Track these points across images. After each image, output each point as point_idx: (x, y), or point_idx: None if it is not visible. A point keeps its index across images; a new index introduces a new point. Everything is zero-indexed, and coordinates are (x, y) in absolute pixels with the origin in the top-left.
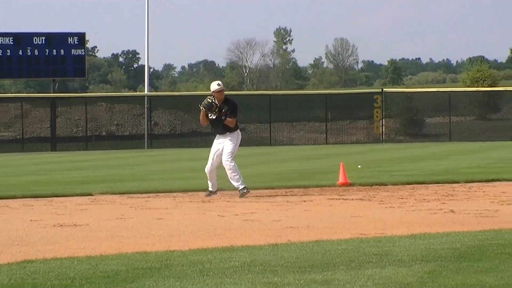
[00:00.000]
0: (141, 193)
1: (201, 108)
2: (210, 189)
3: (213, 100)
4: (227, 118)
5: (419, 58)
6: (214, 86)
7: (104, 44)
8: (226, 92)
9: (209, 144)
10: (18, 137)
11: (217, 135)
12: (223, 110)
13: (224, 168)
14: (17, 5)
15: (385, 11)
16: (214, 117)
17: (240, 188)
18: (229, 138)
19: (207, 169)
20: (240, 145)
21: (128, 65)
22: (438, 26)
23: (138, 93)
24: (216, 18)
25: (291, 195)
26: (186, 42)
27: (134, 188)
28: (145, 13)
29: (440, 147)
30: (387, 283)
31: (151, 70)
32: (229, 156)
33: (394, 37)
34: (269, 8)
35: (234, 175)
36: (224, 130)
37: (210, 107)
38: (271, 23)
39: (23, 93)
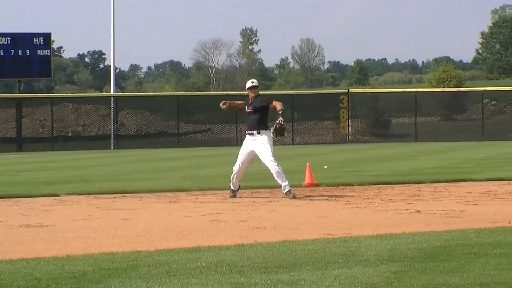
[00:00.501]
0: (108, 193)
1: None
2: (232, 188)
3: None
4: (273, 101)
5: (385, 59)
6: (249, 83)
7: (70, 44)
8: (192, 93)
9: (174, 145)
10: None
11: (248, 133)
12: (259, 106)
13: (270, 169)
14: None
15: (350, 12)
16: (251, 110)
17: (286, 190)
18: (261, 138)
19: (235, 170)
20: (206, 146)
21: (94, 65)
22: (404, 26)
23: (104, 93)
24: (182, 18)
25: (258, 195)
26: (152, 43)
27: (100, 189)
28: (111, 13)
29: (406, 147)
30: (354, 283)
31: (117, 70)
32: (271, 157)
33: (360, 37)
34: (235, 8)
35: (279, 175)
36: (256, 126)
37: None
38: (237, 24)
39: None
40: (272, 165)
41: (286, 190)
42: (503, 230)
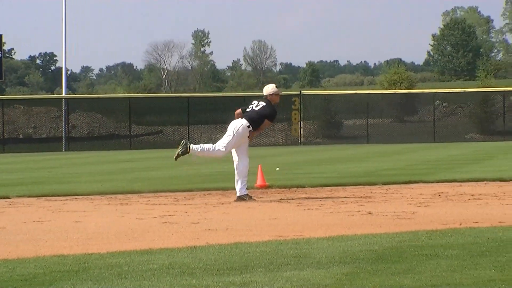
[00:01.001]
0: (59, 196)
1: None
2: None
3: None
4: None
5: (337, 61)
6: (275, 88)
7: (21, 46)
8: (144, 95)
9: (126, 147)
10: None
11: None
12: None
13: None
14: None
15: (302, 14)
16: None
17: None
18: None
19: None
20: (158, 148)
21: (45, 67)
22: (355, 28)
23: (55, 95)
24: (134, 20)
25: (210, 197)
26: (104, 44)
27: (51, 191)
28: (63, 15)
29: (358, 149)
30: (305, 285)
31: (69, 72)
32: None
33: (312, 39)
34: (187, 10)
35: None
36: (248, 118)
37: None
38: (189, 25)
39: None
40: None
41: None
42: (454, 231)
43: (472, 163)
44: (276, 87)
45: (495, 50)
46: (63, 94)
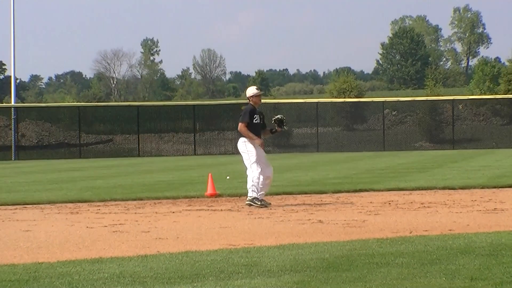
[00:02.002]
0: (8, 205)
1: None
2: (257, 196)
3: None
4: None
5: (287, 69)
6: (255, 90)
7: None
8: (93, 103)
9: (76, 155)
10: None
11: (258, 139)
12: (262, 116)
13: (267, 176)
14: None
15: (251, 22)
16: (259, 122)
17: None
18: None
19: (256, 176)
20: (108, 157)
21: None
22: (305, 37)
23: (4, 104)
24: (82, 28)
25: (160, 206)
26: (52, 53)
27: (1, 200)
28: (11, 23)
29: (307, 157)
30: None
31: (18, 81)
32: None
33: (261, 48)
34: (136, 18)
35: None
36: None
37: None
38: (138, 34)
39: None
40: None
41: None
42: (404, 239)
43: (421, 172)
44: (257, 88)
45: (444, 59)
46: (12, 103)
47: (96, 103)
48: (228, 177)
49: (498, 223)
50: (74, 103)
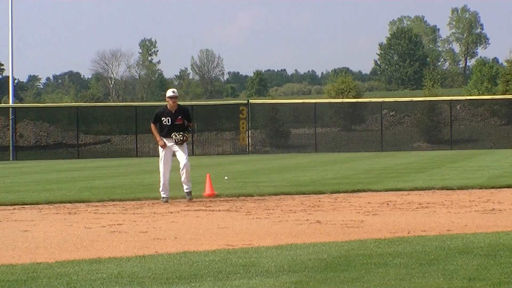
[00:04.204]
0: (7, 205)
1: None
2: (165, 195)
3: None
4: (189, 124)
5: (285, 70)
6: (169, 92)
7: None
8: (91, 104)
9: (74, 156)
10: None
11: (165, 139)
12: (180, 117)
13: (183, 170)
14: None
15: (250, 23)
16: (169, 123)
17: (189, 191)
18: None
19: (161, 175)
20: (106, 157)
21: None
22: (303, 37)
23: (2, 104)
24: (81, 29)
25: (158, 206)
26: (51, 53)
27: None
28: (9, 23)
29: (306, 158)
30: None
31: (16, 81)
32: (188, 158)
33: (259, 48)
34: (134, 19)
35: (190, 177)
36: (182, 131)
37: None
38: (136, 35)
39: None
40: (188, 164)
41: (190, 191)
42: (402, 240)
43: (419, 172)
44: (173, 91)
45: (442, 59)
46: (10, 103)
47: (94, 104)
48: (226, 177)
49: (496, 224)
50: (72, 104)
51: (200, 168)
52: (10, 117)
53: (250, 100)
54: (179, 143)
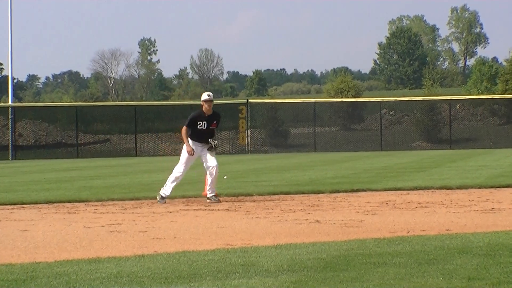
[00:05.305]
0: (6, 204)
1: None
2: (164, 195)
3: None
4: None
5: (284, 69)
6: (205, 96)
7: None
8: (91, 103)
9: (73, 155)
10: None
11: (197, 143)
12: (214, 122)
13: (211, 173)
14: None
15: (249, 22)
16: (204, 127)
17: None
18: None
19: (179, 174)
20: (105, 156)
21: None
22: (302, 37)
23: (1, 104)
24: (80, 28)
25: (157, 206)
26: (50, 53)
27: None
28: (8, 23)
29: (305, 157)
30: None
31: (15, 81)
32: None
33: (258, 48)
34: (133, 18)
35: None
36: (208, 139)
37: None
38: (135, 34)
39: None
40: (216, 169)
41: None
42: (402, 239)
43: (419, 171)
44: (208, 95)
45: (441, 59)
46: (10, 103)
47: (93, 103)
48: (225, 177)
49: (495, 223)
50: (72, 103)
51: (199, 167)
52: (10, 117)
53: (249, 100)
54: (213, 150)
